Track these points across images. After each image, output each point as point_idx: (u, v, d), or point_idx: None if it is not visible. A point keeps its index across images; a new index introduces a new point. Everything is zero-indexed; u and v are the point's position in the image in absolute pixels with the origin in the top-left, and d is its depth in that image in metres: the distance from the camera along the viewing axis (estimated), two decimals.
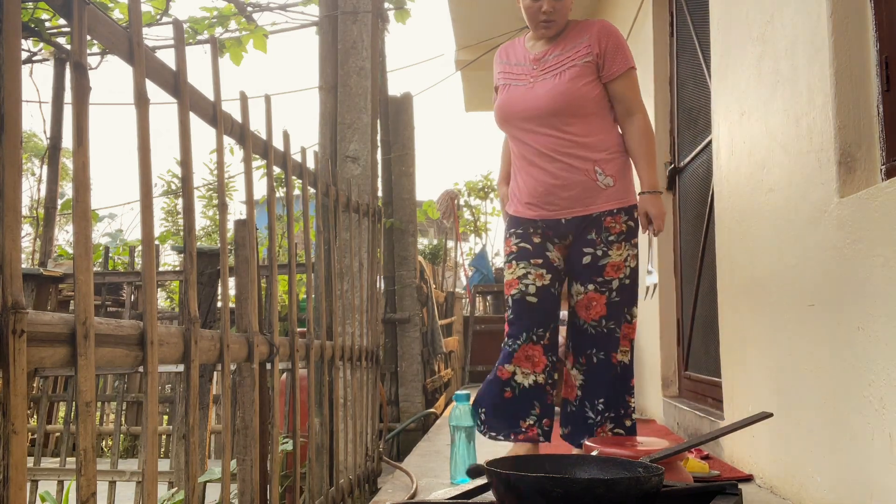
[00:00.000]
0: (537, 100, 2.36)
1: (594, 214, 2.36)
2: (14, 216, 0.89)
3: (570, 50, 2.38)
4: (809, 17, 1.84)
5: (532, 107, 2.37)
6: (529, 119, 2.38)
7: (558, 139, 2.35)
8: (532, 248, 2.41)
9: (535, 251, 2.41)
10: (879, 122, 1.67)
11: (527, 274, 2.38)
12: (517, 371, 2.36)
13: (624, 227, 2.36)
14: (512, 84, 2.45)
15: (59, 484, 4.54)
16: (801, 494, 1.93)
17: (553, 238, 2.42)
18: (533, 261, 2.39)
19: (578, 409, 2.40)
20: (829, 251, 1.75)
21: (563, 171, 2.35)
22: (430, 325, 5.43)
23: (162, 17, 5.30)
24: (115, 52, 1.21)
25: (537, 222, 2.42)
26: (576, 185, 2.35)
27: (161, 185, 11.61)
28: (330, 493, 2.37)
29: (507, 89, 2.45)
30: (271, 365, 1.90)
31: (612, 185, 2.36)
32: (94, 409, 1.05)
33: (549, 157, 2.36)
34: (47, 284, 5.44)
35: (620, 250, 2.35)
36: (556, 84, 2.34)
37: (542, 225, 2.42)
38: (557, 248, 2.43)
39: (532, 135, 2.38)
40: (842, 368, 1.70)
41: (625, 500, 1.42)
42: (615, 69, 2.36)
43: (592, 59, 2.35)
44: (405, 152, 5.15)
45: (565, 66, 2.36)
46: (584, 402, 2.39)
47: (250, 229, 1.81)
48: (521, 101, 2.40)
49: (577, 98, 2.33)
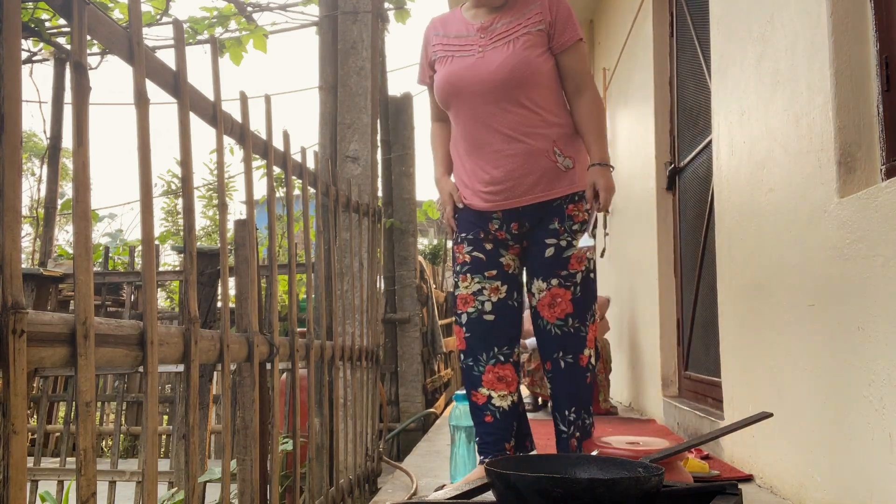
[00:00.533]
0: (491, 70, 2.11)
1: (555, 201, 2.16)
2: (14, 216, 0.89)
3: (520, 17, 2.16)
4: (809, 17, 1.84)
5: (486, 78, 2.11)
6: (483, 93, 2.12)
7: (516, 115, 2.12)
8: (485, 258, 2.21)
9: (488, 261, 2.21)
10: (879, 122, 1.67)
11: (481, 290, 2.20)
12: (493, 395, 2.20)
13: (586, 214, 2.18)
14: (455, 55, 2.18)
15: (59, 484, 4.54)
16: (801, 494, 1.93)
17: (507, 240, 2.22)
18: (487, 273, 2.21)
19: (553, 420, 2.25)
20: (829, 251, 1.75)
21: (523, 151, 2.12)
22: (430, 325, 5.43)
23: (162, 17, 5.31)
24: (115, 52, 1.21)
25: (491, 215, 2.19)
26: (536, 168, 2.13)
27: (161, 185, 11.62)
28: (330, 493, 2.37)
29: (450, 61, 2.19)
30: (271, 365, 1.90)
31: (571, 168, 2.16)
32: (94, 409, 1.05)
33: (506, 136, 2.13)
34: (47, 284, 5.44)
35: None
36: (512, 52, 2.11)
37: (498, 219, 2.19)
38: (512, 249, 2.24)
39: (485, 110, 2.13)
40: (842, 368, 1.70)
41: (625, 500, 1.42)
42: (566, 38, 2.15)
43: (545, 27, 2.14)
44: (405, 152, 5.15)
45: (517, 34, 2.14)
46: (556, 413, 2.21)
47: (250, 229, 1.81)
48: (471, 72, 2.13)
49: (534, 67, 2.11)
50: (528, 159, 2.13)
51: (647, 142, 3.88)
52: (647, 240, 3.86)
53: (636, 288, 4.30)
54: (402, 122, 5.19)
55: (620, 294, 4.74)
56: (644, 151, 3.96)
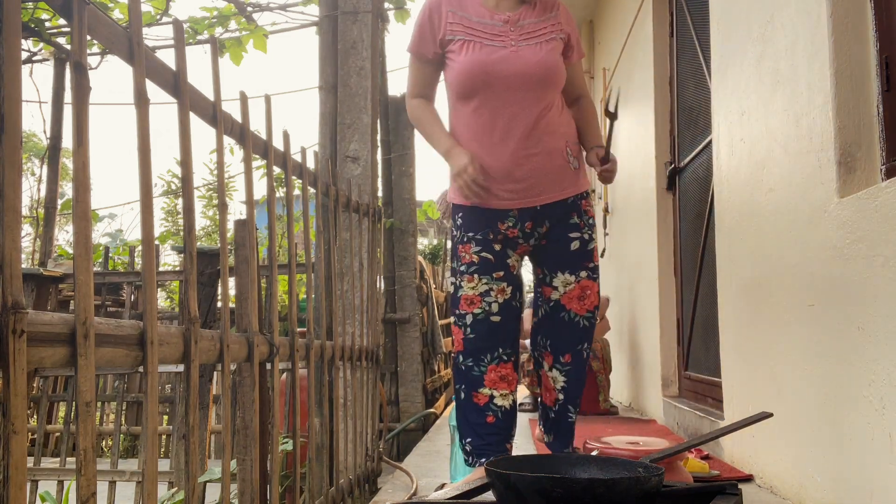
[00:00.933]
0: (529, 66, 2.13)
1: (570, 199, 2.21)
2: (14, 216, 0.89)
3: (545, 20, 2.20)
4: (809, 17, 1.84)
5: (522, 72, 2.13)
6: (516, 87, 2.13)
7: (541, 114, 2.15)
8: (493, 259, 2.21)
9: (496, 262, 2.21)
10: (879, 122, 1.67)
11: (489, 291, 2.20)
12: (495, 394, 2.21)
13: (593, 210, 2.28)
14: (485, 43, 2.16)
15: (59, 484, 4.54)
16: (801, 494, 1.93)
17: (517, 238, 2.22)
18: (495, 275, 2.20)
19: (561, 413, 2.29)
20: (829, 251, 1.75)
21: (543, 150, 2.16)
22: (430, 325, 5.44)
23: (162, 17, 5.31)
24: (115, 52, 1.21)
25: (507, 213, 2.19)
26: (553, 168, 2.18)
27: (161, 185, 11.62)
28: (330, 493, 2.37)
29: (477, 47, 2.16)
30: (271, 365, 1.90)
31: (577, 168, 2.24)
32: (94, 409, 1.05)
33: (530, 133, 2.14)
34: (47, 284, 5.44)
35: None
36: (547, 53, 2.15)
37: (513, 217, 2.19)
38: (520, 248, 2.25)
39: (515, 105, 2.14)
40: (842, 368, 1.70)
41: (625, 500, 1.42)
42: (575, 56, 2.29)
43: (564, 38, 2.22)
44: (405, 152, 5.15)
45: (546, 36, 2.18)
46: (567, 405, 2.27)
47: (250, 229, 1.81)
48: (507, 64, 2.13)
49: (562, 71, 2.19)
50: (547, 159, 2.17)
51: (647, 142, 3.88)
52: (647, 240, 3.86)
53: (636, 288, 4.30)
54: (402, 122, 5.19)
55: (620, 294, 4.74)
56: (644, 151, 3.96)
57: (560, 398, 2.27)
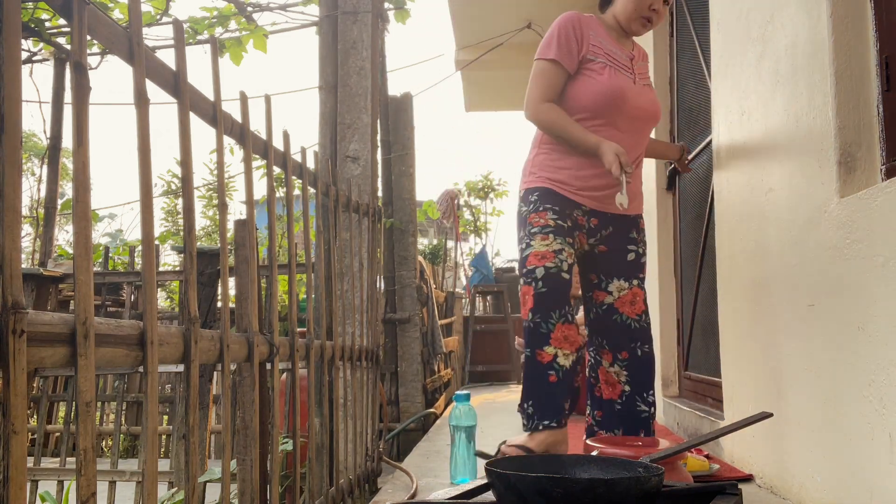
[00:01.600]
0: (649, 104, 2.43)
1: (632, 215, 2.50)
2: (14, 216, 0.89)
3: (642, 64, 2.52)
4: (809, 17, 1.84)
5: (645, 108, 2.41)
6: (637, 118, 2.40)
7: (643, 145, 2.48)
8: (567, 227, 2.37)
9: (568, 231, 2.37)
10: (879, 122, 1.67)
11: (562, 250, 2.33)
12: (559, 353, 2.29)
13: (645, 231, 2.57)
14: (619, 71, 2.39)
15: (59, 484, 4.54)
16: (801, 494, 1.93)
17: (583, 227, 2.43)
18: (568, 239, 2.36)
19: (628, 406, 2.41)
20: (829, 251, 1.75)
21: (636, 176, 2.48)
22: (430, 325, 5.44)
23: (162, 17, 5.31)
24: (115, 52, 1.21)
25: (581, 206, 2.41)
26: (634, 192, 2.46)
27: (161, 185, 11.62)
28: (330, 493, 2.37)
29: (613, 72, 2.37)
30: (271, 365, 1.90)
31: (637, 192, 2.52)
32: (94, 409, 1.05)
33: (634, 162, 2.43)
34: (47, 284, 5.44)
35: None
36: (655, 97, 2.49)
37: (586, 211, 2.42)
38: (580, 237, 2.45)
39: (631, 133, 2.40)
40: (842, 368, 1.70)
41: (625, 500, 1.42)
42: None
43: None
44: (405, 152, 5.15)
45: (649, 82, 2.51)
46: (635, 396, 2.41)
47: (250, 229, 1.81)
48: (636, 95, 2.40)
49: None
50: (635, 184, 2.49)
51: None
52: (648, 240, 3.85)
53: None
54: (402, 122, 5.19)
55: None
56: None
57: (626, 389, 2.42)
